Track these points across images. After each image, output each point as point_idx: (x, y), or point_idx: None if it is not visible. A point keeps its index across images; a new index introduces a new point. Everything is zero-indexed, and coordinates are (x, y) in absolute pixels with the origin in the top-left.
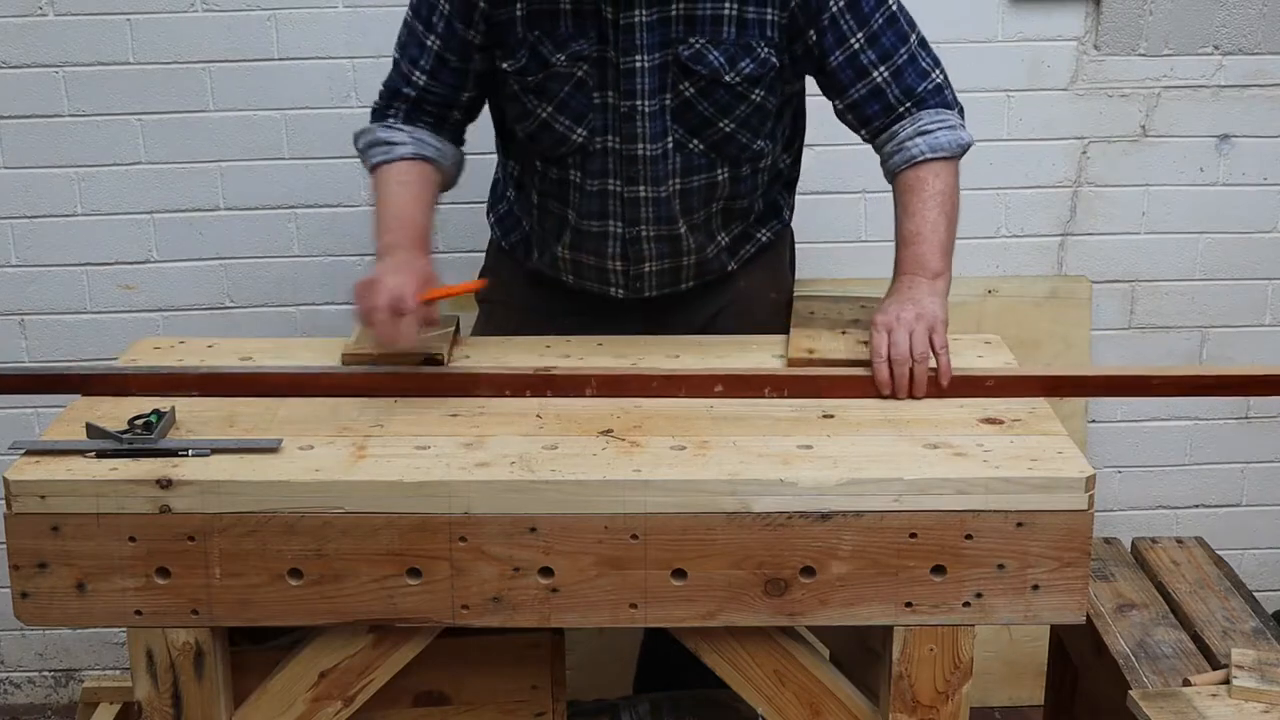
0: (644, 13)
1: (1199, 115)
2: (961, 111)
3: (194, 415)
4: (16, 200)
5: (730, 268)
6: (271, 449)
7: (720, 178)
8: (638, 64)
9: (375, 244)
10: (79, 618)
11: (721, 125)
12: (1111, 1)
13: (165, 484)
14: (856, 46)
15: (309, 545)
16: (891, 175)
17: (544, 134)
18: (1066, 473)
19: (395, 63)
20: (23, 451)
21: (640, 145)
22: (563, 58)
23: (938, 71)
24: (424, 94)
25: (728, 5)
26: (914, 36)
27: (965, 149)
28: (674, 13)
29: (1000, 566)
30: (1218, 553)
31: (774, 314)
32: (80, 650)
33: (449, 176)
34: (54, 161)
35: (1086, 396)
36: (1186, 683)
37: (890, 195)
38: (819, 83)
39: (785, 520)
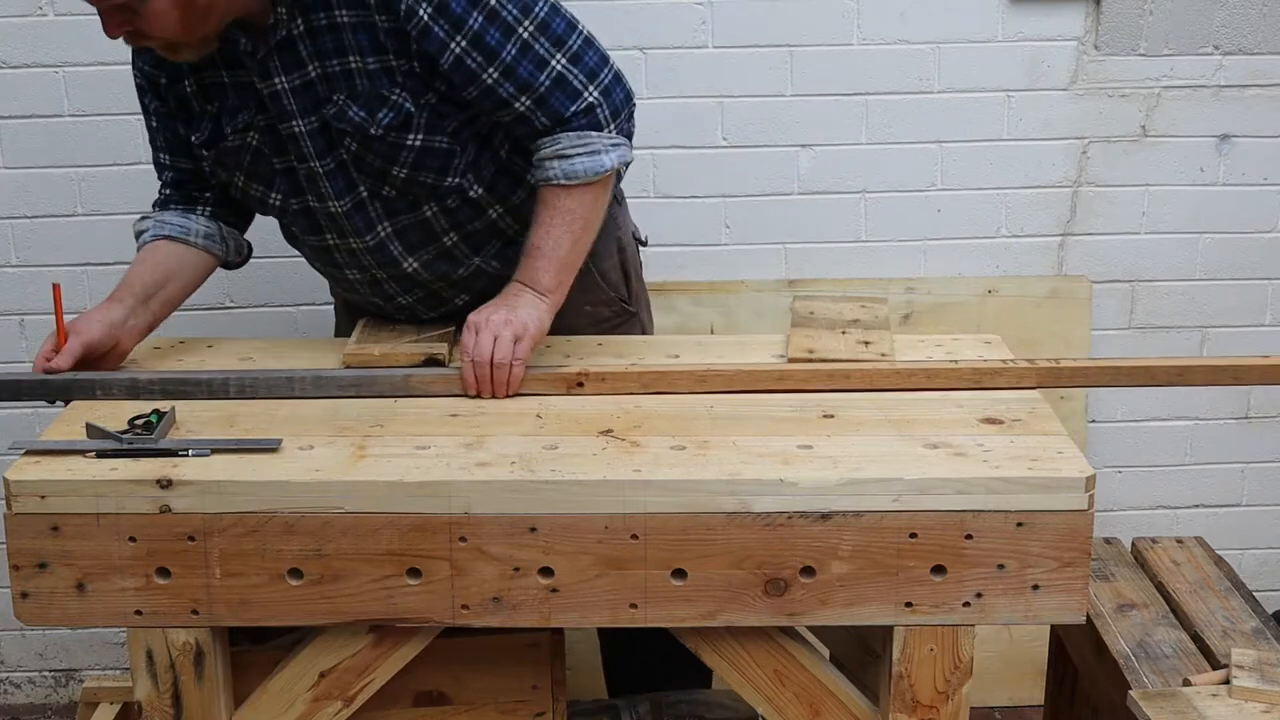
0: (283, 80)
1: (1199, 115)
2: (626, 118)
3: (194, 415)
4: (16, 200)
5: (492, 271)
6: (271, 449)
7: (429, 213)
8: (297, 129)
9: None
10: (79, 618)
11: (396, 172)
12: (1111, 1)
13: (165, 484)
14: (490, 82)
15: (309, 545)
16: (534, 186)
17: (248, 200)
18: (1066, 473)
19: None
20: (23, 451)
21: (331, 203)
22: (230, 130)
23: (592, 88)
24: (176, 174)
25: (354, 59)
26: (559, 56)
27: (606, 173)
28: (313, 75)
29: (1000, 566)
30: (1218, 553)
31: (596, 325)
32: (80, 650)
33: (205, 250)
34: (54, 161)
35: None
36: (1186, 683)
37: (891, 195)
38: None
39: (785, 520)
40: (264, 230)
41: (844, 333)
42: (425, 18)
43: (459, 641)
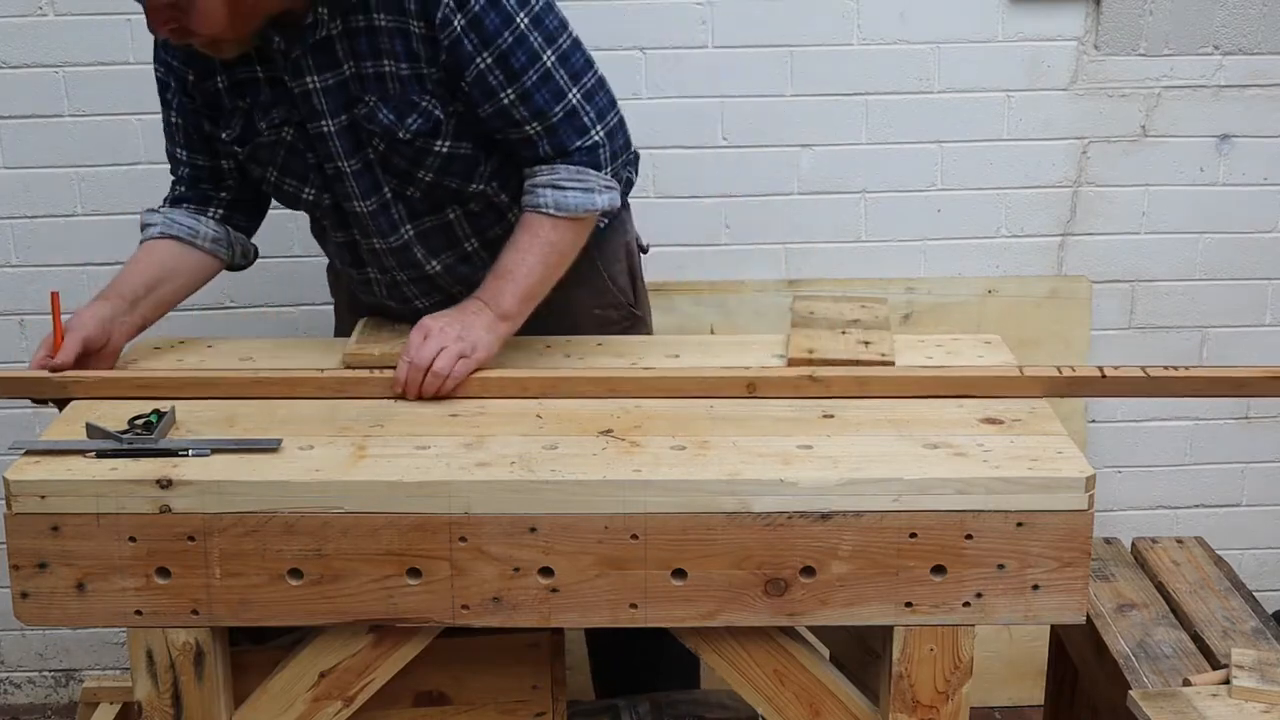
0: (316, 79)
1: (1199, 115)
2: (623, 164)
3: (194, 415)
4: (16, 200)
5: None
6: (271, 449)
7: (451, 217)
8: (325, 128)
9: None
10: (79, 618)
11: (421, 176)
12: (1111, 1)
13: (165, 484)
14: (506, 102)
15: (309, 545)
16: (520, 210)
17: (279, 194)
18: (1066, 473)
19: (166, 148)
20: (23, 451)
21: (355, 203)
22: (265, 125)
23: (599, 127)
24: (192, 170)
25: (388, 63)
26: (575, 91)
27: (595, 213)
28: (347, 74)
29: (1000, 566)
30: (1218, 553)
31: (603, 328)
32: (80, 650)
33: (211, 254)
34: (54, 161)
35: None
36: (1186, 683)
37: (891, 195)
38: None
39: (785, 520)
40: (264, 231)
41: (844, 333)
42: (459, 29)
43: (459, 641)
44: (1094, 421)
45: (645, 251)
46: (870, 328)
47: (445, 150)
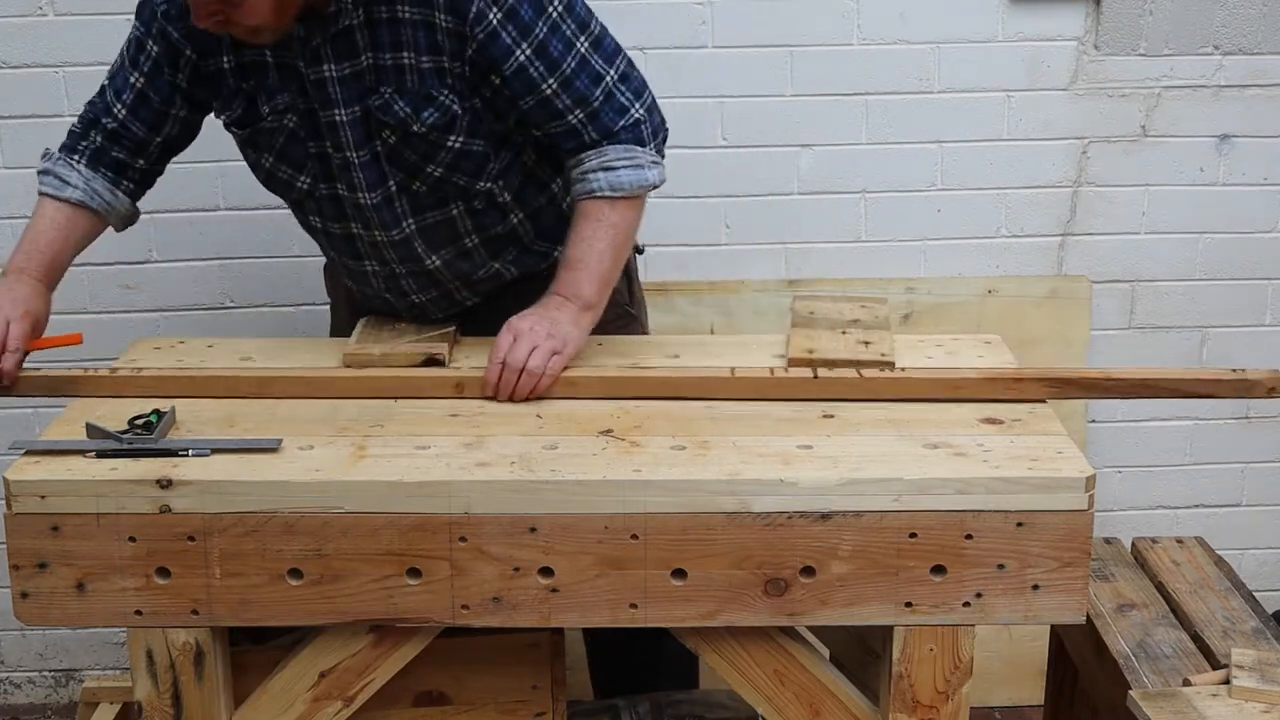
0: (333, 68)
1: (1199, 115)
2: (663, 141)
3: (194, 415)
4: (16, 200)
5: (509, 276)
6: (271, 449)
7: (455, 213)
8: (337, 117)
9: (8, 261)
10: (79, 618)
11: (430, 170)
12: (1111, 1)
13: (165, 484)
14: (549, 92)
15: (309, 545)
16: (574, 201)
17: (272, 182)
18: (1066, 473)
19: (103, 89)
20: (23, 451)
21: (361, 194)
22: (268, 110)
23: (638, 105)
24: (120, 129)
25: (407, 56)
26: (611, 72)
27: (649, 188)
28: (364, 64)
29: (1000, 566)
30: (1218, 553)
31: (600, 328)
32: (80, 650)
33: (111, 225)
34: None
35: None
36: (1186, 683)
37: (891, 195)
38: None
39: (785, 520)
40: (264, 230)
41: (844, 333)
42: (494, 22)
43: (459, 641)
44: (1094, 421)
45: (641, 252)
46: (870, 328)
47: (458, 146)
